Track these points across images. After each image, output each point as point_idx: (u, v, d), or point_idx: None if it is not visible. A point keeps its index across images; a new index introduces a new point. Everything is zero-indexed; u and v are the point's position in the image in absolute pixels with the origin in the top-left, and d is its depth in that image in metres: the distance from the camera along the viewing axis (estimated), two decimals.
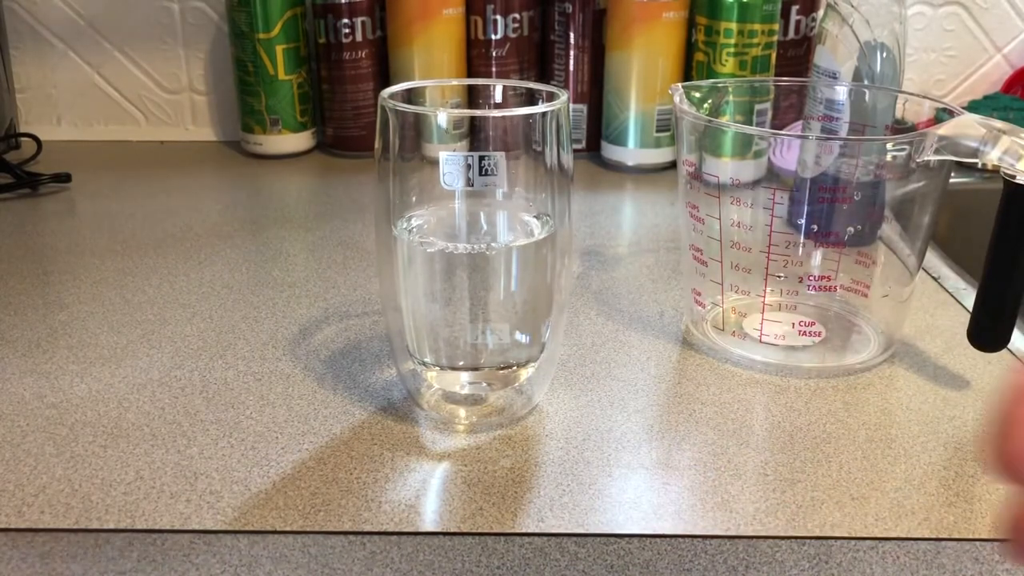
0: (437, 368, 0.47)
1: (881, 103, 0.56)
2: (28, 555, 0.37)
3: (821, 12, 0.78)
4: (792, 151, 0.50)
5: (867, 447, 0.44)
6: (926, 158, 0.46)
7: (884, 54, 0.62)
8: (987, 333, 0.48)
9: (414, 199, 0.45)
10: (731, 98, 0.58)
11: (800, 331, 0.53)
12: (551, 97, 0.45)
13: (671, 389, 0.50)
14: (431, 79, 0.84)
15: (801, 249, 0.50)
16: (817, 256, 0.51)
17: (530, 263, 0.45)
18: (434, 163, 0.42)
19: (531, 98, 0.47)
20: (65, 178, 0.82)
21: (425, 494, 0.41)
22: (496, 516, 0.39)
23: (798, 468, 0.42)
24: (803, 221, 0.50)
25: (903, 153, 0.47)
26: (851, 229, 0.50)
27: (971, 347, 0.49)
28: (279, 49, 0.87)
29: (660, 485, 0.41)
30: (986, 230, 0.46)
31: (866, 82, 0.62)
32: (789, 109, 0.60)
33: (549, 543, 0.38)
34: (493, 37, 0.88)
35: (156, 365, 0.51)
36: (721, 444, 0.44)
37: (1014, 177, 0.44)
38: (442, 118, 0.43)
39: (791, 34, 0.87)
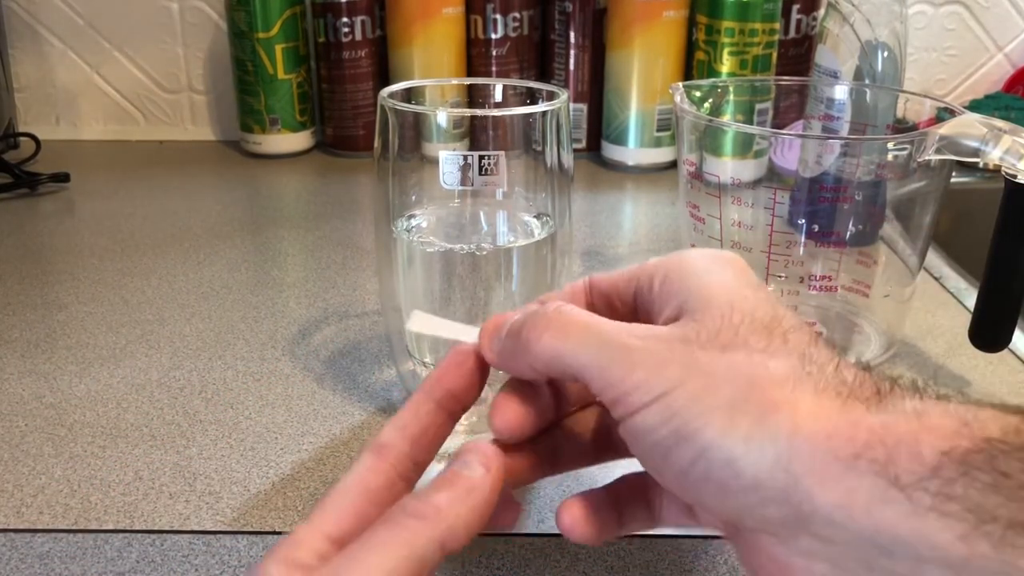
0: None
1: (882, 102, 0.56)
2: (27, 555, 0.37)
3: (822, 11, 0.78)
4: (793, 150, 0.50)
5: None
6: (927, 157, 0.46)
7: (885, 53, 0.62)
8: (988, 333, 0.48)
9: (413, 199, 0.45)
10: (732, 97, 0.58)
11: None
12: (551, 96, 0.45)
13: None
14: (431, 78, 0.84)
15: (802, 249, 0.50)
16: (818, 256, 0.51)
17: (530, 263, 0.45)
18: (434, 162, 0.42)
19: (531, 97, 0.47)
20: (64, 178, 0.82)
21: None
22: None
23: None
24: (804, 221, 0.50)
25: (904, 153, 0.47)
26: (852, 229, 0.50)
27: (972, 347, 0.48)
28: (278, 48, 0.87)
29: None
30: (987, 230, 0.46)
31: (867, 81, 0.62)
32: (790, 108, 0.60)
33: (549, 543, 0.38)
34: (493, 36, 0.88)
35: (155, 365, 0.51)
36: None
37: (1015, 176, 0.43)
38: (442, 117, 0.43)
39: (792, 33, 0.87)
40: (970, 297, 0.61)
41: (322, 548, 0.25)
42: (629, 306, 0.30)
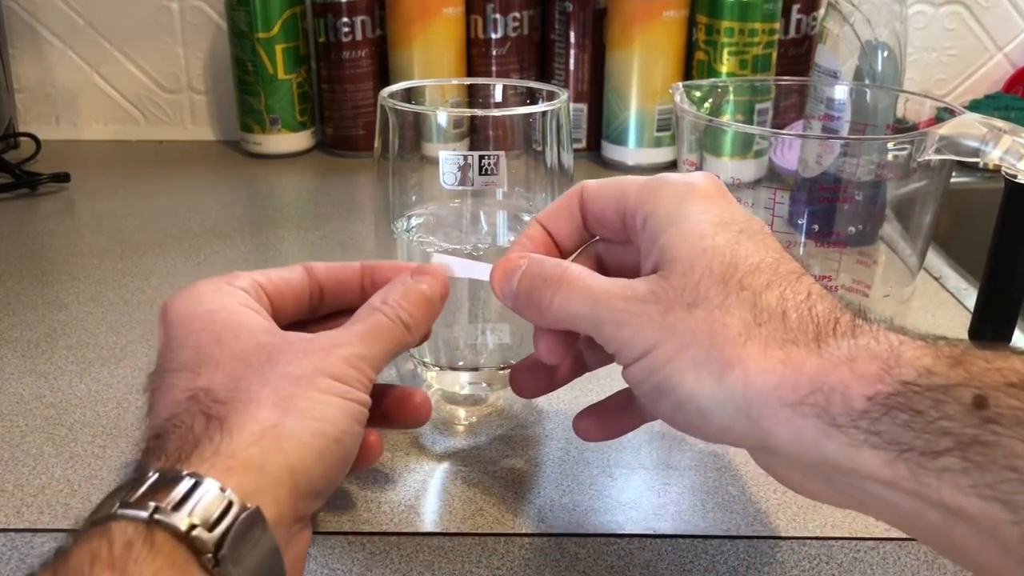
0: (437, 368, 0.47)
1: (882, 102, 0.56)
2: (27, 556, 0.37)
3: (822, 11, 0.78)
4: (793, 150, 0.50)
5: None
6: (927, 157, 0.46)
7: (885, 53, 0.62)
8: (988, 333, 0.48)
9: (413, 199, 0.45)
10: (732, 97, 0.58)
11: None
12: (551, 96, 0.45)
13: None
14: (431, 78, 0.83)
15: (802, 249, 0.50)
16: (818, 256, 0.51)
17: None
18: (434, 163, 0.42)
19: (531, 97, 0.47)
20: (64, 178, 0.82)
21: (425, 495, 0.41)
22: (496, 516, 0.39)
23: None
24: (804, 221, 0.50)
25: (904, 152, 0.47)
26: (852, 229, 0.50)
27: None
28: (278, 48, 0.87)
29: (660, 485, 0.41)
30: (987, 230, 0.46)
31: (867, 81, 0.62)
32: (790, 108, 0.60)
33: (549, 543, 0.38)
34: (493, 36, 0.88)
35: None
36: (722, 444, 0.44)
37: (1015, 176, 0.43)
38: (442, 117, 0.43)
39: (792, 33, 0.87)
40: (970, 297, 0.61)
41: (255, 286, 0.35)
42: (616, 223, 0.34)
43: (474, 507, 0.40)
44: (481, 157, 0.41)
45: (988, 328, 0.47)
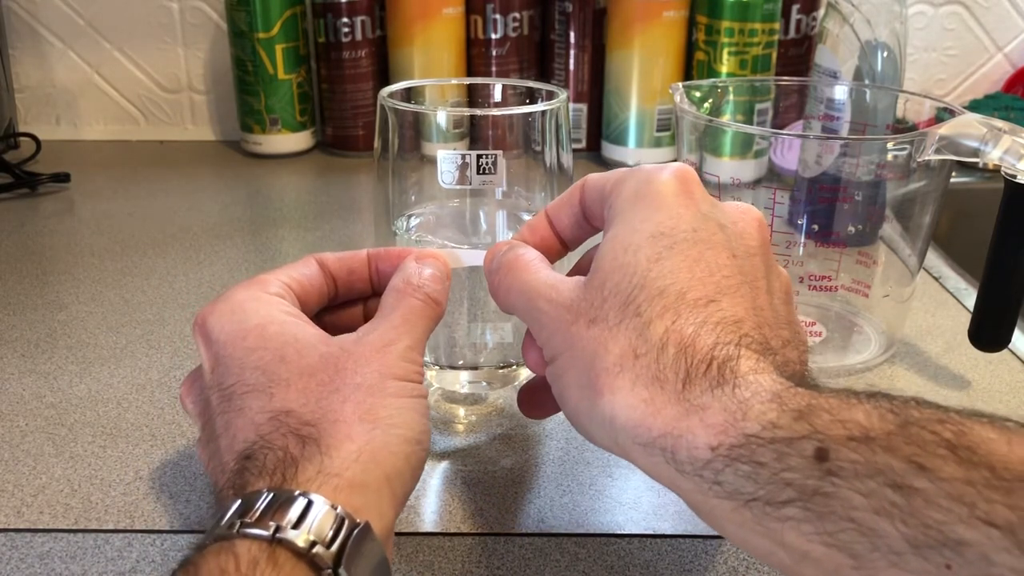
0: (437, 367, 0.47)
1: (882, 102, 0.56)
2: (27, 555, 0.37)
3: (822, 11, 0.78)
4: (793, 150, 0.50)
5: None
6: (927, 157, 0.46)
7: (885, 53, 0.62)
8: (988, 333, 0.48)
9: (413, 198, 0.45)
10: (731, 97, 0.58)
11: None
12: (550, 96, 0.45)
13: None
14: (431, 78, 0.84)
15: (802, 249, 0.50)
16: (818, 256, 0.51)
17: None
18: (433, 162, 0.42)
19: (531, 97, 0.47)
20: (64, 178, 0.82)
21: (425, 494, 0.41)
22: (496, 516, 0.39)
23: None
24: (804, 221, 0.50)
25: (904, 152, 0.47)
26: (852, 229, 0.50)
27: (972, 347, 0.48)
28: (278, 48, 0.87)
29: (660, 485, 0.41)
30: (987, 230, 0.46)
31: (867, 81, 0.62)
32: (790, 108, 0.60)
33: (549, 543, 0.38)
34: (493, 36, 0.88)
35: (155, 365, 0.51)
36: None
37: (1015, 176, 0.43)
38: (441, 117, 0.43)
39: (792, 33, 0.87)
40: (970, 297, 0.61)
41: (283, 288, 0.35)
42: (600, 215, 0.34)
43: (474, 507, 0.40)
44: (479, 156, 0.41)
45: (988, 328, 0.47)
